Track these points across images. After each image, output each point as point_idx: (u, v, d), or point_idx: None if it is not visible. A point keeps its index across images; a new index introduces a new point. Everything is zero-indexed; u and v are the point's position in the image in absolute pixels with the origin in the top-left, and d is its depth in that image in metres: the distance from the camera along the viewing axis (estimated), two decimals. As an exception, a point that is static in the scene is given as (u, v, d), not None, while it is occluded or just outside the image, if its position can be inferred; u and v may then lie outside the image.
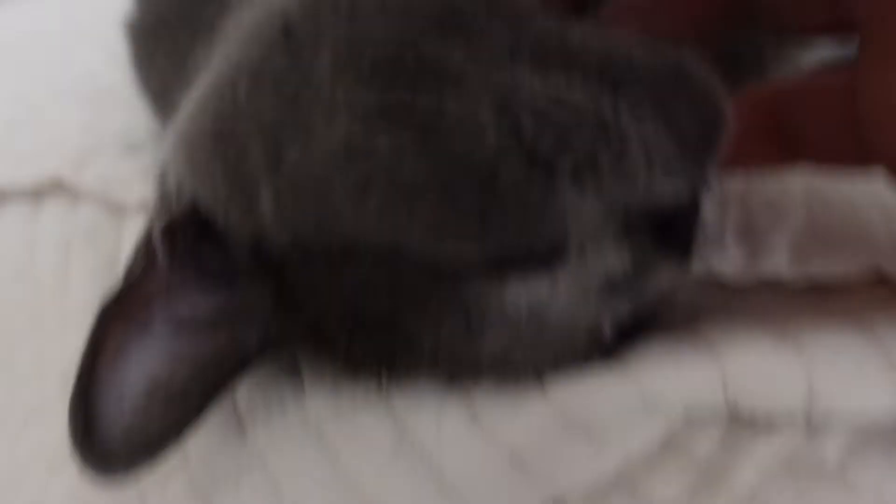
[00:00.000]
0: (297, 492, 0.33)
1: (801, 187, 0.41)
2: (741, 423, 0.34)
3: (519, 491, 0.33)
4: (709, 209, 0.29)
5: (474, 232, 0.28)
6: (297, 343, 0.33)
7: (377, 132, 0.27)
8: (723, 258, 0.38)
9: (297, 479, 0.33)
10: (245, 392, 0.36)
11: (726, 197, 0.31)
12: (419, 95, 0.27)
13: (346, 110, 0.28)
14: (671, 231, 0.29)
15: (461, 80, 0.27)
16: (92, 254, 0.46)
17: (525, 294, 0.30)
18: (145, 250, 0.32)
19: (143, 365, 0.31)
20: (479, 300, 0.29)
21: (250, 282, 0.32)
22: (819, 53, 0.38)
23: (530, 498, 0.33)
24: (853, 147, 0.30)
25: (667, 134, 0.27)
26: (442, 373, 0.33)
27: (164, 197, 0.33)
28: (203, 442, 0.35)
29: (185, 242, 0.31)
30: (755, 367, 0.32)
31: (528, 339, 0.30)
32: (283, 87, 0.29)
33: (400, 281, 0.29)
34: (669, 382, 0.32)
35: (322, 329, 0.32)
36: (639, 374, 0.32)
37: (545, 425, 0.32)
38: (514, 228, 0.28)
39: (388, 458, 0.33)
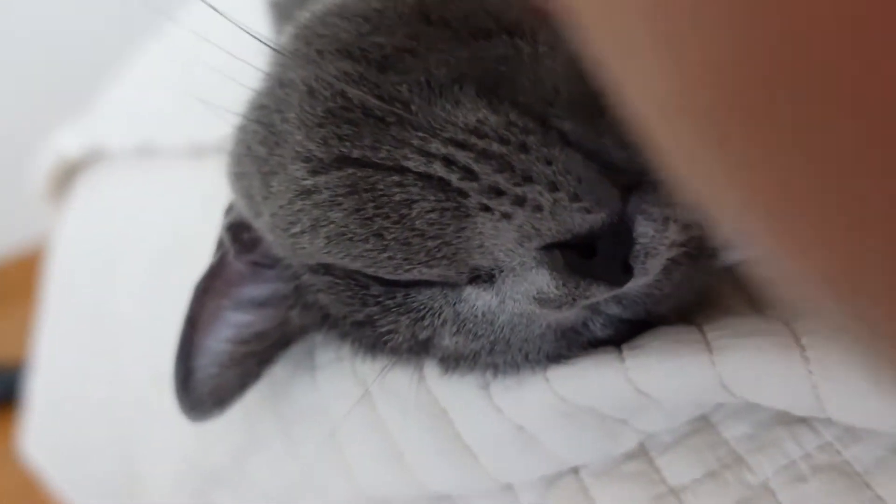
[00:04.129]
0: (347, 430, 0.40)
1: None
2: (778, 419, 0.34)
3: (526, 458, 0.36)
4: (646, 228, 0.28)
5: (401, 259, 0.30)
6: (319, 330, 0.39)
7: (320, 183, 0.30)
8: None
9: (346, 419, 0.40)
10: (322, 347, 0.43)
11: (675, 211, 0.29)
12: (355, 147, 0.30)
13: (301, 160, 0.31)
14: (599, 254, 0.28)
15: (401, 121, 0.29)
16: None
17: (473, 303, 0.32)
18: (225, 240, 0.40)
19: (223, 333, 0.40)
20: (433, 306, 0.32)
21: (283, 278, 0.38)
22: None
23: (540, 466, 0.37)
24: None
25: (585, 164, 0.27)
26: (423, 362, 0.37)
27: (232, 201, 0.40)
28: (287, 382, 0.44)
29: (239, 240, 0.38)
30: (752, 367, 0.31)
31: (490, 339, 0.33)
32: (267, 130, 0.33)
33: (366, 290, 0.33)
34: (661, 377, 0.32)
35: (329, 322, 0.37)
36: (631, 368, 0.33)
37: (548, 408, 0.35)
38: (434, 253, 0.30)
39: (412, 411, 0.38)
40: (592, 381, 0.34)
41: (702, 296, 0.36)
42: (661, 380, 0.33)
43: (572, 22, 0.16)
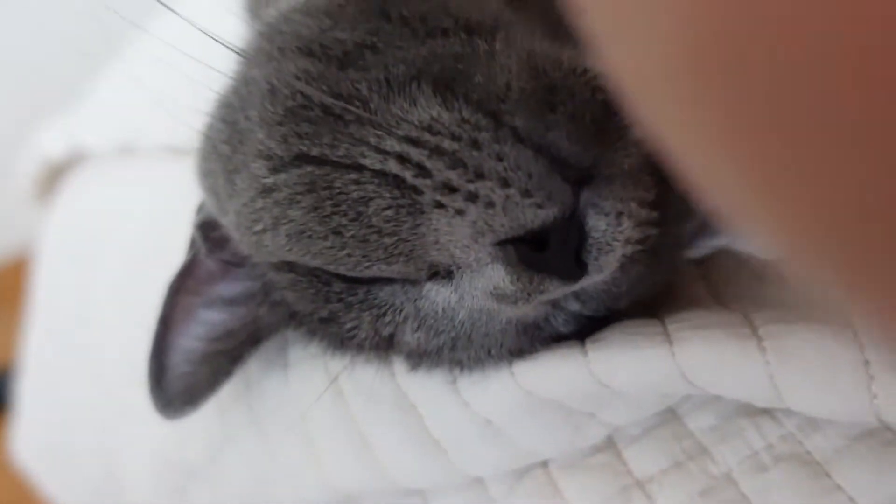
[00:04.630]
0: (319, 425, 0.41)
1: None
2: (741, 411, 0.34)
3: (494, 452, 0.37)
4: (598, 222, 0.29)
5: (360, 256, 0.30)
6: (287, 327, 0.39)
7: (280, 181, 0.31)
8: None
9: (317, 414, 0.41)
10: (294, 344, 0.44)
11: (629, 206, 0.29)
12: (314, 145, 0.30)
13: (262, 158, 0.31)
14: (551, 250, 0.29)
15: (359, 119, 0.29)
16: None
17: (434, 300, 0.32)
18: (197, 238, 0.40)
19: (196, 331, 0.40)
20: (394, 303, 0.33)
21: (252, 276, 0.38)
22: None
23: (508, 460, 0.37)
24: None
25: (536, 160, 0.27)
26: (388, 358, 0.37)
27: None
28: (260, 378, 0.44)
29: (210, 238, 0.39)
30: (710, 358, 0.31)
31: (451, 335, 0.33)
32: (231, 128, 0.34)
33: (328, 287, 0.33)
34: (622, 369, 0.33)
35: (297, 319, 0.37)
36: (594, 361, 0.33)
37: (514, 402, 0.35)
38: (392, 250, 0.30)
39: (382, 406, 0.39)
40: (556, 374, 0.34)
41: (664, 290, 0.37)
42: (622, 372, 0.33)
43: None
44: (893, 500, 0.31)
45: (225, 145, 0.34)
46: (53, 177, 0.79)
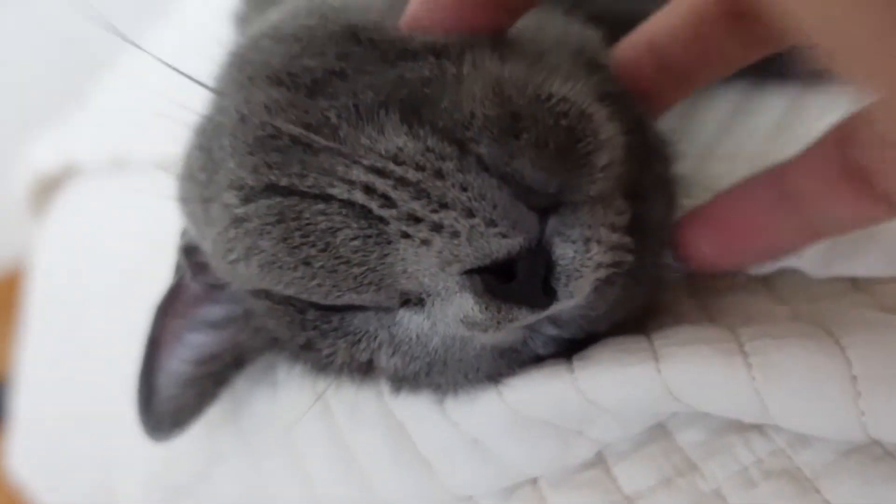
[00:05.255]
0: (307, 444, 0.41)
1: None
2: (731, 426, 0.34)
3: (483, 471, 0.37)
4: (565, 250, 0.28)
5: (330, 286, 0.30)
6: (270, 351, 0.39)
7: (251, 211, 0.31)
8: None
9: (307, 434, 0.41)
10: (282, 366, 0.44)
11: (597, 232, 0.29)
12: (283, 175, 0.30)
13: (233, 188, 0.31)
14: (518, 279, 0.28)
15: (328, 148, 0.29)
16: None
17: (407, 326, 0.32)
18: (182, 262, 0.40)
19: (183, 354, 0.40)
20: (368, 330, 0.33)
21: (234, 300, 0.38)
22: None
23: (497, 479, 0.37)
24: None
25: (500, 188, 0.27)
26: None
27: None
28: (248, 398, 0.44)
29: (193, 262, 0.39)
30: (696, 374, 0.31)
31: (426, 361, 0.33)
32: (207, 156, 0.34)
33: (303, 315, 0.33)
34: (609, 386, 0.33)
35: (278, 345, 0.37)
36: (580, 378, 0.33)
37: (502, 420, 0.35)
38: (361, 280, 0.30)
39: (370, 425, 0.39)
40: (543, 392, 0.34)
41: (651, 308, 0.37)
42: (609, 389, 0.33)
43: None
44: (882, 515, 0.31)
45: (201, 173, 0.34)
46: (46, 190, 0.79)
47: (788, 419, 0.31)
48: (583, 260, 0.28)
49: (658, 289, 0.36)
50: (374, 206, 0.28)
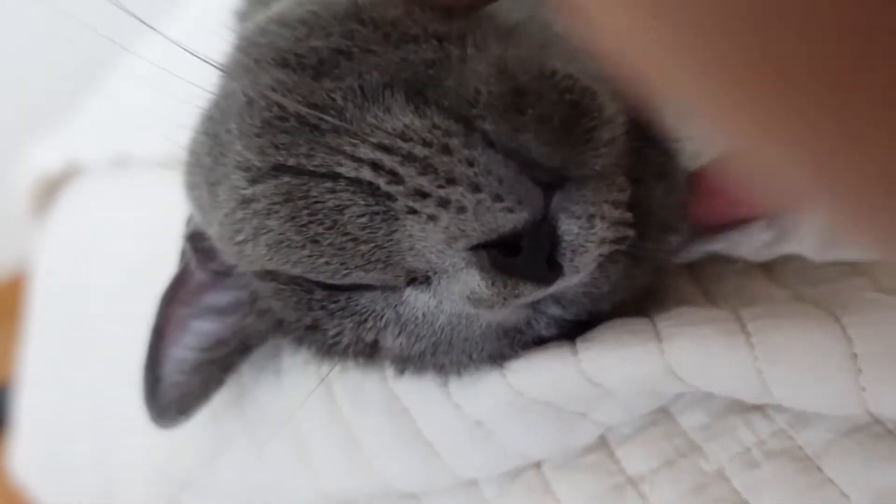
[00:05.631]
0: (312, 431, 0.41)
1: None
2: (733, 408, 0.34)
3: (487, 453, 0.37)
4: (570, 225, 0.29)
5: (338, 264, 0.31)
6: (275, 335, 0.39)
7: (258, 192, 0.31)
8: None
9: (310, 419, 0.41)
10: (285, 350, 0.44)
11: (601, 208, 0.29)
12: (291, 155, 0.30)
13: (241, 169, 0.32)
14: (524, 254, 0.29)
15: (335, 128, 0.30)
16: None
17: (413, 305, 0.32)
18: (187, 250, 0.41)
19: (188, 341, 0.41)
20: (374, 309, 0.33)
21: (239, 286, 0.38)
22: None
23: (500, 461, 0.37)
24: None
25: (506, 164, 0.28)
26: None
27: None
28: (253, 385, 0.44)
29: (199, 249, 0.39)
30: (698, 354, 0.31)
31: (432, 340, 0.33)
32: (213, 141, 0.34)
33: (310, 295, 0.34)
34: (612, 367, 0.33)
35: (284, 328, 0.38)
36: (584, 360, 0.33)
37: (505, 403, 0.35)
38: (369, 257, 0.30)
39: (375, 410, 0.39)
40: (547, 374, 0.34)
41: (653, 292, 0.37)
42: (612, 370, 0.33)
43: None
44: (883, 491, 0.31)
45: (207, 157, 0.34)
46: (49, 191, 0.79)
47: (790, 397, 0.31)
48: (587, 235, 0.29)
49: (659, 272, 0.37)
50: (381, 182, 0.29)
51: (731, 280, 0.39)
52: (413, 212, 0.29)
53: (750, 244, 0.37)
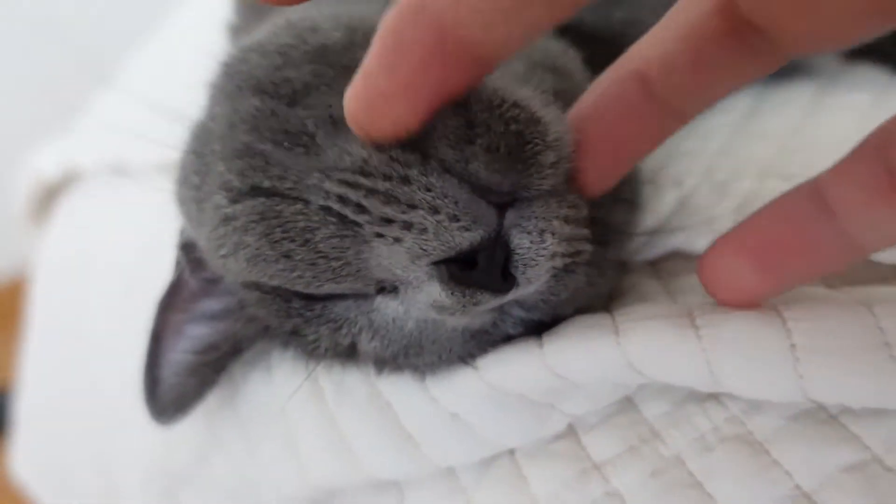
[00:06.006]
0: (300, 425, 0.44)
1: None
2: (692, 397, 0.37)
3: (463, 443, 0.40)
4: (521, 240, 0.31)
5: (310, 277, 0.34)
6: (264, 339, 0.42)
7: (237, 210, 0.34)
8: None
9: (298, 413, 0.44)
10: (276, 351, 0.47)
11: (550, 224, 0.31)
12: (266, 177, 0.33)
13: (223, 189, 0.35)
14: (479, 267, 0.31)
15: (307, 153, 0.32)
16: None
17: (384, 312, 0.35)
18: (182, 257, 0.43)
19: (184, 345, 0.43)
20: (348, 316, 0.36)
21: (229, 293, 0.41)
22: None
23: (476, 450, 0.40)
24: None
25: (461, 187, 0.30)
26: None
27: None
28: (245, 382, 0.47)
29: (192, 259, 0.42)
30: (652, 346, 0.34)
31: (403, 343, 0.36)
32: (200, 160, 0.37)
33: (289, 303, 0.37)
34: (574, 360, 0.35)
35: (270, 333, 0.40)
36: (548, 354, 0.36)
37: (478, 396, 0.38)
38: (339, 272, 0.33)
39: (360, 405, 0.42)
40: (516, 367, 0.37)
41: (614, 291, 0.39)
42: (574, 363, 0.36)
43: None
44: (826, 472, 0.33)
45: (195, 175, 0.37)
46: (48, 197, 0.81)
47: (738, 386, 0.34)
48: (538, 249, 0.31)
49: (621, 277, 0.39)
50: (348, 212, 0.32)
51: (691, 277, 0.41)
52: (380, 236, 0.31)
53: (707, 239, 0.39)
